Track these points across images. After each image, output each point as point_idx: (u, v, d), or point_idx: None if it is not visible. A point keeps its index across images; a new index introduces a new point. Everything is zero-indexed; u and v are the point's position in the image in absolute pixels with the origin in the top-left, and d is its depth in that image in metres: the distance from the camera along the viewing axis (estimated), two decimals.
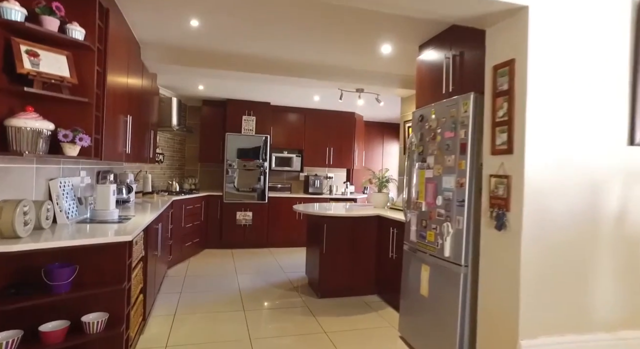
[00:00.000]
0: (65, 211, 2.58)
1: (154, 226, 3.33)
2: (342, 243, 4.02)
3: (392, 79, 4.41)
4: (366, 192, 5.14)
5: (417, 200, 2.97)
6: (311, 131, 6.74)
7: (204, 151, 6.28)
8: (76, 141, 2.09)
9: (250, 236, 6.20)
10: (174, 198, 4.79)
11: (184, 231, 5.18)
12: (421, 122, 2.99)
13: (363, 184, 5.01)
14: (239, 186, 6.17)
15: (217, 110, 6.31)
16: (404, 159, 4.78)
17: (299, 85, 4.55)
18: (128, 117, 3.07)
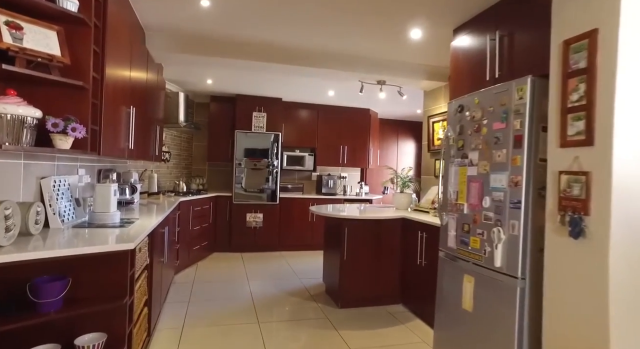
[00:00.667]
0: (59, 213, 2.26)
1: (160, 230, 3.01)
2: (364, 248, 3.67)
3: (416, 70, 4.06)
4: (386, 192, 4.79)
5: (456, 201, 2.62)
6: (324, 128, 6.40)
7: (212, 150, 5.96)
8: (68, 132, 1.76)
9: (260, 239, 5.87)
10: (181, 199, 4.47)
11: (191, 234, 4.86)
12: (460, 113, 2.64)
13: (383, 184, 4.66)
14: (249, 186, 5.85)
15: (226, 106, 5.99)
16: (429, 157, 4.44)
17: (316, 77, 4.21)
18: (131, 108, 2.75)
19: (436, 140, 4.29)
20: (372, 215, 3.69)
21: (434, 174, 4.34)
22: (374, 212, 3.91)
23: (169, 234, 3.54)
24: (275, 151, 5.96)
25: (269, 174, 5.92)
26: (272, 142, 5.94)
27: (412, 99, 5.63)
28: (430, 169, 4.41)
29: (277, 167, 5.96)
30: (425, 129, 4.53)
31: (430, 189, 4.28)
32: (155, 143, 3.93)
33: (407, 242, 3.68)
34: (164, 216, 3.01)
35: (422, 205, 4.15)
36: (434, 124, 4.33)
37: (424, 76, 4.07)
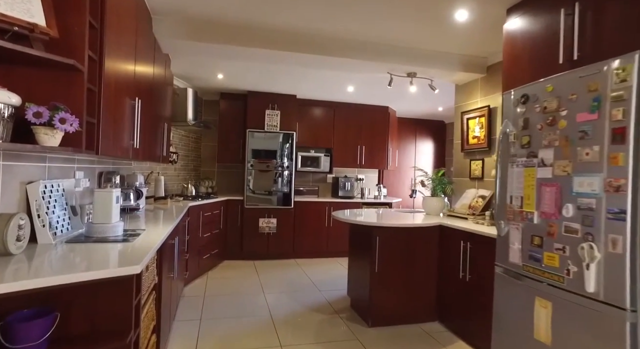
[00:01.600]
0: (50, 225, 1.85)
1: (170, 242, 2.60)
2: (397, 259, 3.25)
3: (452, 61, 3.64)
4: (414, 196, 4.36)
5: (521, 209, 2.19)
6: (341, 127, 5.99)
7: (222, 150, 5.56)
8: (55, 123, 1.36)
9: (274, 246, 5.46)
10: (190, 204, 4.06)
11: (201, 241, 4.45)
12: (524, 105, 2.21)
13: (414, 186, 4.21)
14: (262, 189, 5.44)
15: (237, 104, 5.59)
16: (462, 157, 4.01)
17: (338, 69, 3.80)
18: (137, 100, 2.34)
19: (471, 138, 3.87)
20: (406, 222, 3.27)
21: (469, 176, 3.91)
22: (405, 219, 3.48)
23: (179, 245, 3.14)
24: (290, 151, 5.55)
25: (283, 176, 5.51)
26: (286, 142, 5.53)
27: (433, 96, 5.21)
28: (464, 170, 3.98)
29: (291, 168, 5.54)
30: (457, 126, 4.11)
31: (465, 193, 3.86)
32: (163, 143, 3.53)
33: (446, 253, 3.26)
34: (173, 225, 2.60)
35: (457, 210, 3.73)
36: (469, 121, 3.90)
37: (459, 67, 3.65)
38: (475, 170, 3.83)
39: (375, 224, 3.22)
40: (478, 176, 3.78)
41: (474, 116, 3.84)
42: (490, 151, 3.63)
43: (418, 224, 3.26)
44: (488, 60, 3.69)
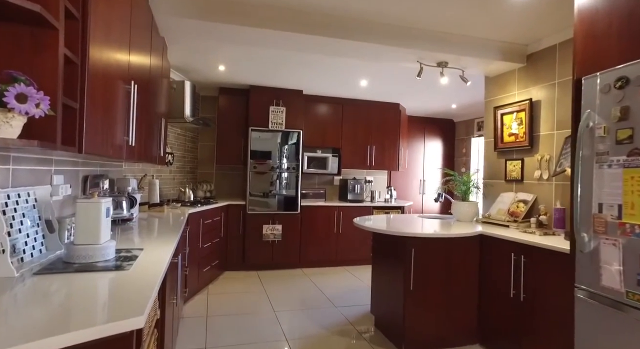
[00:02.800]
0: (14, 250, 1.34)
1: (173, 261, 2.09)
2: (435, 274, 2.79)
3: (489, 48, 3.21)
4: (440, 200, 3.92)
5: (620, 220, 1.75)
6: (350, 125, 5.52)
7: (221, 150, 5.03)
8: (10, 102, 0.85)
9: (279, 255, 4.95)
10: (189, 211, 3.54)
11: (202, 252, 3.93)
12: (621, 90, 1.77)
13: (438, 189, 3.77)
14: (266, 192, 4.93)
15: (238, 100, 5.08)
16: (495, 157, 3.57)
17: (360, 55, 3.32)
18: (132, 85, 1.83)
19: (507, 136, 3.43)
20: (447, 232, 2.81)
21: (504, 178, 3.47)
22: (441, 227, 3.03)
23: (181, 261, 2.62)
24: (296, 151, 5.05)
25: (288, 179, 5.02)
26: (292, 141, 5.04)
27: (447, 92, 4.78)
28: (498, 171, 3.55)
29: (297, 170, 5.05)
30: (489, 123, 3.67)
31: (500, 197, 3.42)
32: (160, 141, 3.01)
33: (490, 267, 2.81)
34: (176, 241, 2.09)
35: (494, 217, 3.28)
36: (503, 116, 3.47)
37: (497, 56, 3.22)
38: (512, 171, 3.40)
39: (410, 234, 2.75)
40: (516, 178, 3.34)
41: (510, 111, 3.40)
42: (532, 150, 3.19)
43: (459, 234, 2.80)
44: (528, 48, 3.26)
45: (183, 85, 4.09)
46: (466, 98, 5.23)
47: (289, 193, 5.01)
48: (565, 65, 2.92)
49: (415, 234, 2.75)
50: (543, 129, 3.10)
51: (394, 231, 2.81)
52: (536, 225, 2.95)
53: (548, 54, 3.07)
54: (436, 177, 6.78)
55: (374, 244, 3.34)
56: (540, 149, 3.12)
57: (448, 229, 2.94)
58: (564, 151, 2.80)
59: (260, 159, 4.90)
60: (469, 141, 6.56)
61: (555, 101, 2.99)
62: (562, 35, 2.93)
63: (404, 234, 2.77)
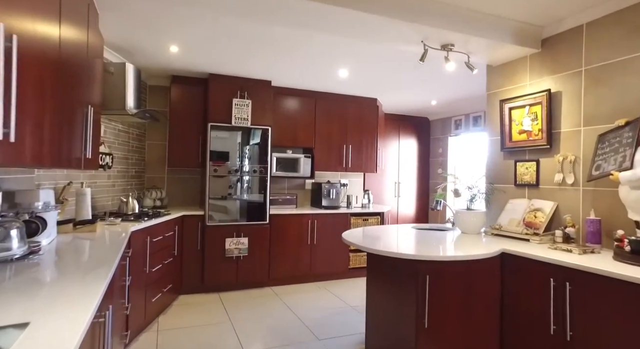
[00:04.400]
0: None
1: (98, 320, 1.31)
2: (453, 306, 2.20)
3: (502, 28, 2.67)
4: (438, 208, 3.36)
5: None
6: (324, 122, 4.85)
7: (174, 150, 4.18)
8: None
9: (245, 272, 4.19)
10: (132, 228, 2.71)
11: (149, 278, 3.09)
12: None
13: (437, 196, 3.20)
14: (228, 200, 4.15)
15: (195, 90, 4.25)
16: (502, 158, 3.06)
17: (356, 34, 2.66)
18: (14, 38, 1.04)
19: (516, 134, 2.92)
20: (464, 253, 2.22)
21: (513, 183, 2.96)
22: (456, 245, 2.43)
23: (116, 300, 1.82)
24: (264, 151, 4.31)
25: (256, 183, 4.27)
26: (260, 140, 4.29)
27: (429, 86, 4.27)
28: (506, 175, 3.04)
29: (266, 173, 4.31)
30: (493, 119, 3.15)
31: (510, 204, 2.91)
32: (86, 139, 2.17)
33: (519, 294, 2.25)
34: (103, 288, 1.31)
35: (507, 228, 2.76)
36: (512, 111, 2.96)
37: (510, 38, 2.68)
38: (524, 175, 2.89)
39: (424, 258, 2.13)
40: (529, 182, 2.84)
41: (520, 105, 2.89)
42: (551, 150, 2.69)
43: (481, 255, 2.21)
44: (544, 31, 2.76)
45: (124, 69, 3.22)
46: (449, 93, 4.75)
47: (255, 200, 4.26)
48: (595, 49, 2.43)
49: (431, 257, 2.13)
50: (565, 125, 2.61)
51: (404, 254, 2.17)
52: (563, 239, 2.45)
53: (571, 36, 2.58)
54: (412, 179, 6.30)
55: (370, 263, 2.70)
56: (562, 149, 2.62)
57: (465, 248, 2.36)
58: (600, 151, 2.31)
59: (222, 161, 4.11)
60: (445, 140, 6.13)
61: (581, 92, 2.50)
62: (590, 13, 2.44)
63: (416, 257, 2.14)
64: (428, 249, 2.27)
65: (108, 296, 1.59)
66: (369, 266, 2.70)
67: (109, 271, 1.54)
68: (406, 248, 2.28)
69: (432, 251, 2.23)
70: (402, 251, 2.20)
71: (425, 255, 2.13)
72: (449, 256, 2.15)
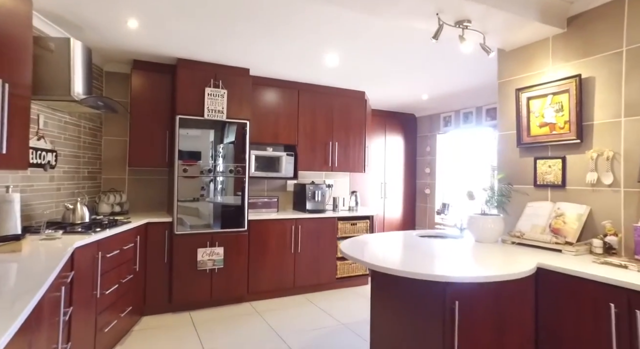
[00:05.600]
0: None
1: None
2: (482, 334, 1.74)
3: (528, 4, 2.24)
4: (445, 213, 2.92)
5: None
6: (308, 117, 4.33)
7: (136, 147, 3.54)
8: None
9: (220, 287, 3.61)
10: (78, 242, 2.10)
11: (101, 304, 2.47)
12: None
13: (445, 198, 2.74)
14: (201, 204, 3.56)
15: (161, 78, 3.63)
16: (517, 155, 2.65)
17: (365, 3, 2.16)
18: None
19: (536, 127, 2.51)
20: (497, 272, 1.76)
21: (532, 183, 2.55)
22: (477, 259, 1.97)
23: None
24: (242, 149, 3.74)
25: (232, 185, 3.69)
26: (237, 135, 3.72)
27: (421, 79, 3.85)
28: (524, 174, 2.62)
29: (244, 173, 3.75)
30: (508, 110, 2.73)
31: (530, 208, 2.49)
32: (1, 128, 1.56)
33: (562, 320, 1.82)
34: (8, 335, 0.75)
35: (530, 236, 2.33)
36: (531, 101, 2.55)
37: (534, 14, 2.26)
38: (546, 174, 2.48)
39: (453, 279, 1.65)
40: (553, 183, 2.43)
41: (541, 94, 2.48)
42: (582, 145, 2.29)
43: (517, 274, 1.76)
44: (573, 7, 2.36)
45: (68, 46, 2.58)
46: (442, 87, 4.34)
47: (232, 204, 3.68)
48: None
49: (461, 278, 1.66)
50: (600, 116, 2.21)
51: (431, 274, 1.68)
52: (603, 249, 2.04)
53: (609, 12, 2.18)
54: (398, 180, 5.88)
55: (376, 281, 2.20)
56: (596, 144, 2.22)
57: (493, 264, 1.90)
58: None
59: (193, 160, 3.52)
60: (433, 138, 5.75)
61: (622, 77, 2.10)
62: None
63: (442, 278, 1.66)
64: (452, 267, 1.79)
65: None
66: (375, 285, 2.21)
67: (20, 311, 0.96)
68: (426, 265, 1.80)
69: (459, 269, 1.76)
70: (425, 269, 1.72)
71: (453, 276, 1.66)
72: (483, 276, 1.68)
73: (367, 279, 4.43)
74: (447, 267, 1.79)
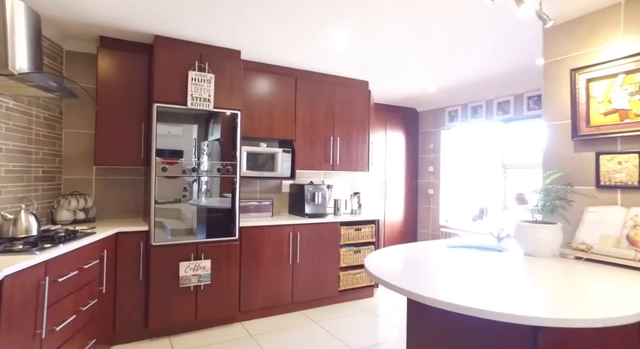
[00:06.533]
0: None
1: None
2: None
3: None
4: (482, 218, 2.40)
5: None
6: (306, 108, 3.77)
7: (105, 142, 2.90)
8: None
9: (207, 307, 3.01)
10: (6, 270, 1.48)
11: (50, 343, 1.85)
12: None
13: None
14: (183, 210, 2.95)
15: (134, 59, 3.00)
16: (572, 150, 2.15)
17: None
18: None
19: (599, 116, 2.03)
20: (601, 315, 1.23)
21: (594, 184, 2.06)
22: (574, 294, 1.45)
23: None
24: (232, 144, 3.15)
25: (220, 186, 3.10)
26: (226, 128, 3.13)
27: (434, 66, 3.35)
28: (582, 173, 2.13)
29: (235, 172, 3.16)
30: (559, 95, 2.23)
31: (591, 214, 2.00)
32: None
33: None
34: None
35: (601, 249, 1.84)
36: (590, 83, 2.05)
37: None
38: (615, 172, 1.99)
39: (546, 322, 1.12)
40: (625, 183, 1.94)
41: (610, 74, 1.99)
42: None
43: (627, 317, 1.24)
44: None
45: (3, 5, 1.94)
46: (455, 77, 3.85)
47: (221, 209, 3.09)
48: None
49: (559, 320, 1.13)
50: None
51: (510, 314, 1.14)
52: None
53: None
54: (399, 179, 5.37)
55: (416, 309, 1.66)
56: None
57: (586, 298, 1.39)
58: None
59: (174, 157, 2.91)
60: (437, 134, 5.26)
61: None
62: None
63: (533, 321, 1.12)
64: (535, 301, 1.26)
65: None
66: (414, 316, 1.67)
67: None
68: (499, 298, 1.26)
69: (548, 306, 1.23)
70: (504, 307, 1.18)
71: (552, 318, 1.12)
72: (590, 319, 1.15)
73: (372, 290, 3.90)
74: (531, 302, 1.26)
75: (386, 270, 1.62)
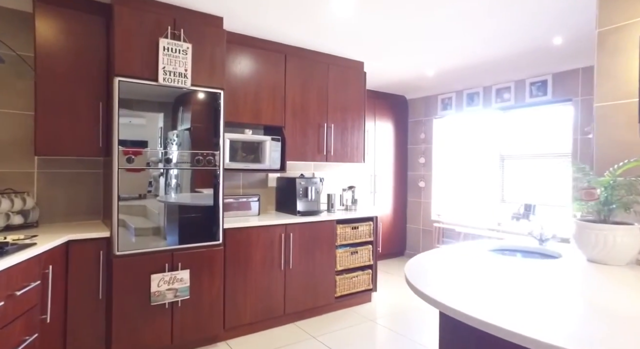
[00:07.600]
0: None
1: None
2: None
3: None
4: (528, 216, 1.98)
5: None
6: (297, 89, 3.23)
7: (49, 127, 2.23)
8: None
9: (186, 326, 2.44)
10: None
11: None
12: None
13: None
14: (152, 210, 2.35)
15: (87, 21, 2.33)
16: (636, 134, 1.77)
17: None
18: None
19: None
20: None
21: None
22: None
23: None
24: (214, 129, 2.57)
25: (200, 181, 2.52)
26: (205, 110, 2.53)
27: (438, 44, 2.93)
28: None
29: (216, 164, 2.58)
30: (624, 71, 1.85)
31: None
32: None
33: None
34: None
35: None
36: None
37: None
38: None
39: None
40: None
41: None
42: None
43: None
44: None
45: None
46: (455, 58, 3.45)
47: (201, 207, 2.51)
48: None
49: None
50: None
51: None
52: None
53: None
54: (388, 171, 4.96)
55: (447, 334, 1.21)
56: None
57: None
58: None
59: (140, 146, 2.29)
60: (429, 123, 4.89)
61: None
62: None
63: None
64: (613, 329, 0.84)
65: None
66: (445, 338, 1.22)
67: None
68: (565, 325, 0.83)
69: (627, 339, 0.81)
70: None
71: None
72: None
73: (369, 295, 3.47)
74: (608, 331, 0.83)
75: (440, 288, 1.15)
